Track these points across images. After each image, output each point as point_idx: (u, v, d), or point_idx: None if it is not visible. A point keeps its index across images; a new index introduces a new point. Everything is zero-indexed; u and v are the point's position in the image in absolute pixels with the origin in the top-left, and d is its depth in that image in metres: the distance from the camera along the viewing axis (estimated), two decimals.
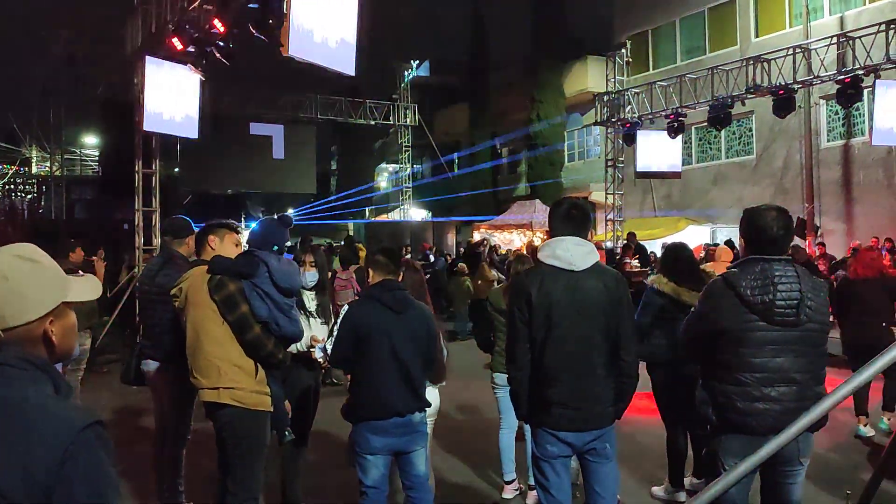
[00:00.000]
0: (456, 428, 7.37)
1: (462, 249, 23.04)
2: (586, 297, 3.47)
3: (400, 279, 4.26)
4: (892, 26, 13.70)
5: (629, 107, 19.65)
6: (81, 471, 1.49)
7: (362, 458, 3.99)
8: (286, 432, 4.29)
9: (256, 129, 22.66)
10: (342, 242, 19.47)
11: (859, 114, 18.61)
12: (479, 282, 13.32)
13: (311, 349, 4.65)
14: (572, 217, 3.64)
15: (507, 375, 3.76)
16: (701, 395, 3.46)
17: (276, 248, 4.14)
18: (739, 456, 3.26)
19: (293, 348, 4.47)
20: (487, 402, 6.19)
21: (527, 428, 4.38)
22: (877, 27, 14.11)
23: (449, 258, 20.43)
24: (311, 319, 4.86)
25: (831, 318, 3.93)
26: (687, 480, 5.41)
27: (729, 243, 13.90)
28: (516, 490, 5.50)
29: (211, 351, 3.90)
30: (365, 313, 4.01)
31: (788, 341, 3.24)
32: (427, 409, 4.15)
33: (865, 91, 14.64)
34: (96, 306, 8.62)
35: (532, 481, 4.70)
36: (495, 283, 11.82)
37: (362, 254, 13.68)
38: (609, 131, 21.28)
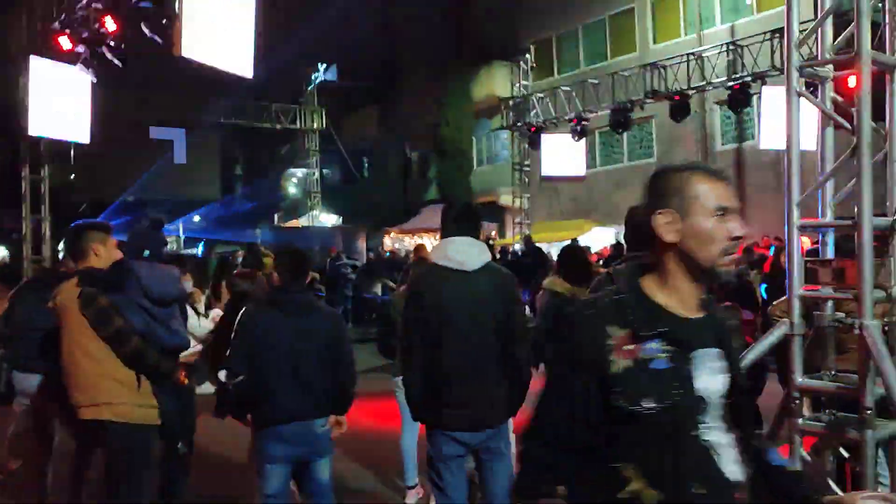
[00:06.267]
0: (358, 433, 7.27)
1: (372, 255, 22.89)
2: (478, 297, 3.49)
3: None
4: (778, 35, 14.43)
5: (534, 111, 19.99)
6: None
7: (263, 466, 3.89)
8: (178, 445, 4.14)
9: (156, 133, 21.93)
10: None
11: (750, 118, 19.54)
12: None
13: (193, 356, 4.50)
14: (463, 218, 3.66)
15: (402, 378, 3.74)
16: None
17: (147, 253, 3.96)
18: None
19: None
20: (390, 406, 6.14)
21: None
22: (762, 36, 14.86)
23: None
24: (202, 319, 4.71)
25: None
26: None
27: (617, 245, 14.22)
28: (420, 494, 5.48)
29: (87, 367, 3.69)
30: (261, 318, 3.91)
31: None
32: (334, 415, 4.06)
33: (754, 97, 15.36)
34: None
35: None
36: None
37: (268, 260, 13.38)
38: (515, 136, 21.59)
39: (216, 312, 5.65)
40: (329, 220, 32.41)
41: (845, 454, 3.44)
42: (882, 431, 3.11)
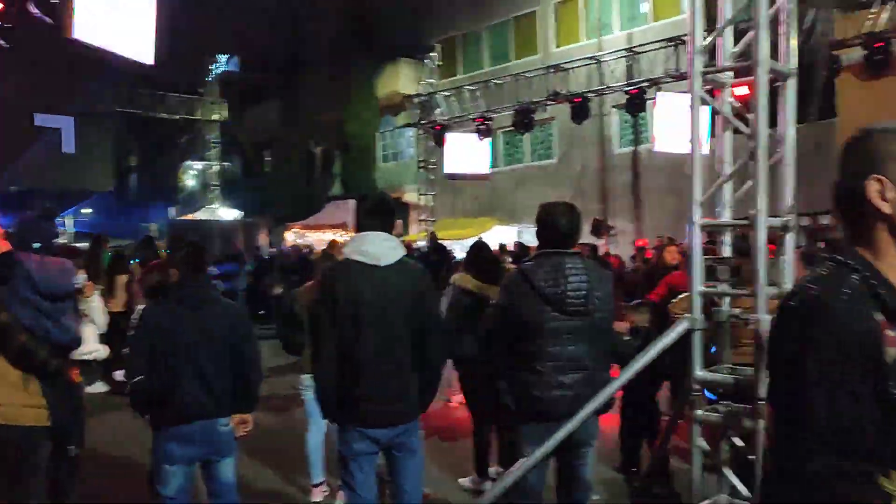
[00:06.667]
0: (261, 432, 7.12)
1: (274, 250, 22.41)
2: (392, 292, 3.47)
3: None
4: (672, 44, 15.05)
5: (439, 109, 20.10)
6: None
7: (162, 467, 3.74)
8: (71, 447, 3.92)
9: (42, 120, 20.71)
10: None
11: (645, 123, 20.30)
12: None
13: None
14: (378, 212, 3.63)
15: (313, 375, 3.67)
16: (502, 385, 3.57)
17: (38, 246, 3.73)
18: (538, 442, 3.41)
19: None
20: (294, 404, 6.05)
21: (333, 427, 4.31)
22: (657, 44, 15.47)
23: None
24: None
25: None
26: (493, 470, 5.58)
27: (520, 245, 14.42)
28: (325, 492, 5.41)
29: None
30: (160, 314, 3.76)
31: (580, 330, 3.43)
32: (238, 414, 3.94)
33: (649, 101, 15.97)
34: None
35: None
36: None
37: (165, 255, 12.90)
38: (420, 133, 21.65)
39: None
40: (229, 214, 31.54)
41: (740, 443, 3.61)
42: None
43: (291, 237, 23.23)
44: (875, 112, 14.59)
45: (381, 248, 3.49)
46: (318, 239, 23.73)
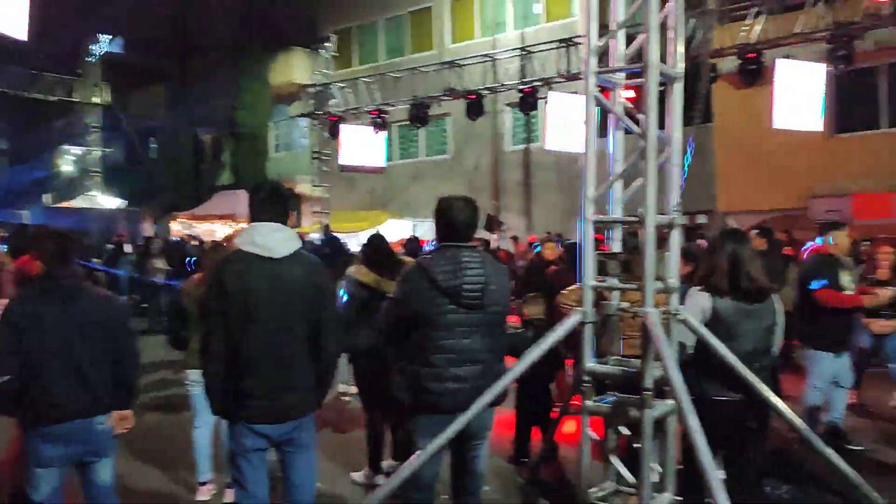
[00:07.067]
0: (145, 429, 6.84)
1: (159, 241, 21.51)
2: (286, 285, 3.39)
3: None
4: (564, 45, 15.44)
5: (334, 100, 19.86)
6: None
7: (33, 470, 3.52)
8: None
9: None
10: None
11: (537, 121, 20.75)
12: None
13: None
14: (271, 202, 3.54)
15: (201, 370, 3.54)
16: (397, 379, 3.57)
17: None
18: (431, 435, 3.43)
19: None
20: (180, 400, 5.84)
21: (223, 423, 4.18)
22: (550, 45, 15.84)
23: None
24: None
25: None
26: (386, 464, 5.57)
27: (413, 239, 14.44)
28: (213, 490, 5.25)
29: None
30: (26, 308, 3.52)
31: (475, 323, 3.47)
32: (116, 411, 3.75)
33: (541, 101, 16.32)
34: None
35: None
36: None
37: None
38: (315, 124, 21.34)
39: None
40: (111, 202, 30.03)
41: (626, 432, 3.75)
42: (658, 410, 3.43)
43: (178, 227, 22.37)
44: (748, 119, 15.53)
45: (275, 240, 3.41)
46: (206, 230, 23.01)
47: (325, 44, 22.13)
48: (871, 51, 13.77)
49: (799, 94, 12.55)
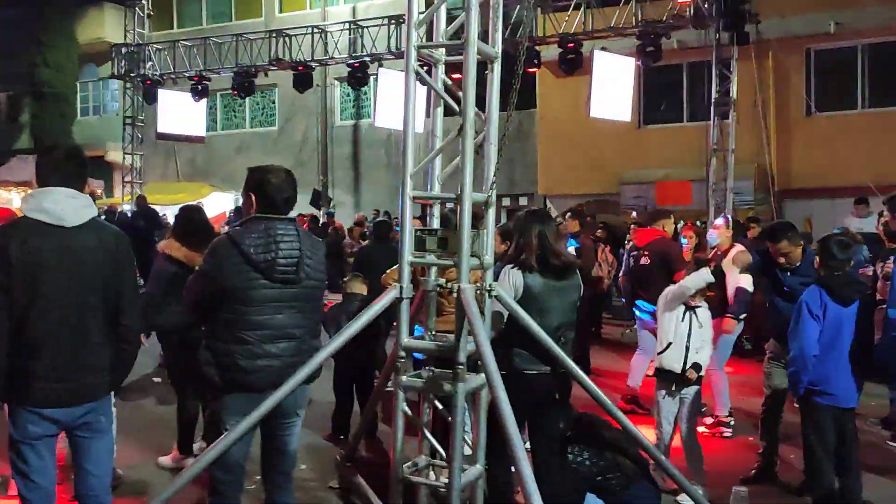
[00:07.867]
0: None
1: None
2: (80, 257, 3.10)
3: None
4: (394, 22, 15.40)
5: (150, 63, 18.64)
6: None
7: None
8: None
9: None
10: None
11: (367, 97, 20.63)
12: None
13: None
14: (65, 165, 3.23)
15: None
16: (205, 356, 3.38)
17: None
18: (241, 414, 3.29)
19: None
20: None
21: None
22: (380, 21, 15.77)
23: None
24: None
25: None
26: (196, 446, 5.33)
27: (237, 211, 13.97)
28: None
29: None
30: None
31: (289, 298, 3.36)
32: None
33: (371, 77, 16.24)
34: None
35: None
36: None
37: None
38: (128, 87, 19.96)
39: None
40: None
41: (440, 406, 3.80)
42: (470, 384, 3.49)
43: None
44: (568, 107, 16.31)
45: (68, 207, 3.11)
46: (1, 197, 20.94)
47: (141, 1, 20.69)
48: (676, 49, 14.91)
49: (613, 85, 13.34)
